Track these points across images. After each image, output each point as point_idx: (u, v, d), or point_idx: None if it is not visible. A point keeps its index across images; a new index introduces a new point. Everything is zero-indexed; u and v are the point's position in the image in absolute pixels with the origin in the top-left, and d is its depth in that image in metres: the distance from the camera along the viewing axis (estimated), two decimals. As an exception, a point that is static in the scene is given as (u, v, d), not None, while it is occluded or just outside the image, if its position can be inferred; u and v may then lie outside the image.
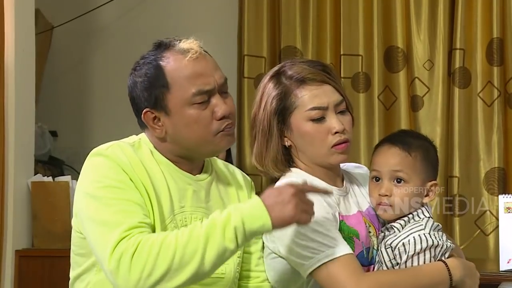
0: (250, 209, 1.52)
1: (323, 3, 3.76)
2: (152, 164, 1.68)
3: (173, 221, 1.65)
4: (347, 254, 1.69)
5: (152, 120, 1.68)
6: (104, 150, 1.65)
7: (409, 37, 3.67)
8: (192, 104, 1.65)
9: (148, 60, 1.68)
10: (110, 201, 1.58)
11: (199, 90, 1.65)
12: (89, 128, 4.07)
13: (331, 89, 1.79)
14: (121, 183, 1.60)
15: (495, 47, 3.54)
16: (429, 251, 1.74)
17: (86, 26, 4.08)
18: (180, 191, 1.68)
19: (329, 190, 1.70)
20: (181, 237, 1.51)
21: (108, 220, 1.56)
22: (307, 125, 1.79)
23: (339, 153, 1.79)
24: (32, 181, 3.23)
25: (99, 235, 1.56)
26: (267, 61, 3.80)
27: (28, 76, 3.31)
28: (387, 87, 3.69)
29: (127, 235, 1.52)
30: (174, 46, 1.69)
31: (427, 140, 1.87)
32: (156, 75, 1.66)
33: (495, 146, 3.54)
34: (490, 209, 3.51)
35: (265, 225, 1.51)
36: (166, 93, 1.65)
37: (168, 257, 1.49)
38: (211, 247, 1.49)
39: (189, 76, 1.65)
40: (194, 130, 1.66)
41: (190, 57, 1.66)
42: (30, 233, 3.24)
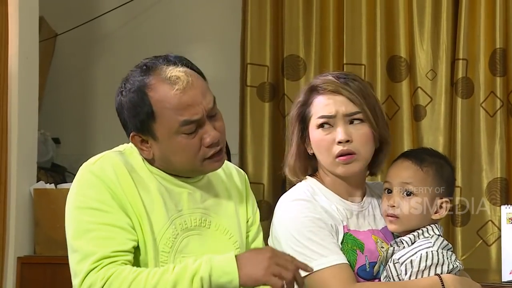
0: (220, 263, 1.53)
1: (326, 12, 3.76)
2: (144, 172, 1.68)
3: (172, 225, 1.65)
4: (339, 264, 1.71)
5: (140, 142, 1.68)
6: (91, 165, 1.66)
7: (412, 47, 3.68)
8: (180, 134, 1.64)
9: (134, 87, 1.65)
10: (87, 225, 1.60)
11: (185, 120, 1.62)
12: (92, 135, 4.07)
13: (343, 99, 1.80)
14: (102, 204, 1.61)
15: (498, 57, 3.54)
16: (435, 268, 1.74)
17: (90, 34, 4.09)
18: (175, 196, 1.68)
19: (309, 269, 1.65)
20: (151, 279, 1.52)
21: (81, 248, 1.58)
22: (316, 132, 1.81)
23: (342, 164, 1.79)
24: (35, 188, 3.23)
25: (73, 263, 1.60)
26: (270, 70, 3.81)
27: (32, 83, 3.31)
28: (390, 97, 3.69)
29: (96, 267, 1.54)
30: (161, 72, 1.64)
31: (443, 159, 1.87)
32: (142, 104, 1.63)
33: (497, 156, 3.53)
34: (492, 219, 3.51)
35: (233, 281, 1.52)
36: (152, 122, 1.64)
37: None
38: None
39: (176, 108, 1.62)
40: (181, 157, 1.66)
41: (177, 89, 1.62)
42: (32, 240, 3.24)
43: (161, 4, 4.09)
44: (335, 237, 1.76)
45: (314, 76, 3.64)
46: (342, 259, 1.72)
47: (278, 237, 1.78)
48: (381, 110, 1.85)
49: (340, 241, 1.77)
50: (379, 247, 1.82)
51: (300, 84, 3.71)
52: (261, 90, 3.82)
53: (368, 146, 1.81)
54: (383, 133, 1.83)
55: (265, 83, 3.82)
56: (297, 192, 1.83)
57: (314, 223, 1.74)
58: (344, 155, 1.78)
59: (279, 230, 1.79)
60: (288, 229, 1.75)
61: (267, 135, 3.80)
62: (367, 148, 1.80)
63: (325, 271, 1.70)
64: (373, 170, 1.90)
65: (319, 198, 1.81)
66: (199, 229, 1.68)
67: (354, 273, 1.76)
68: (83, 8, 4.12)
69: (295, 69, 3.78)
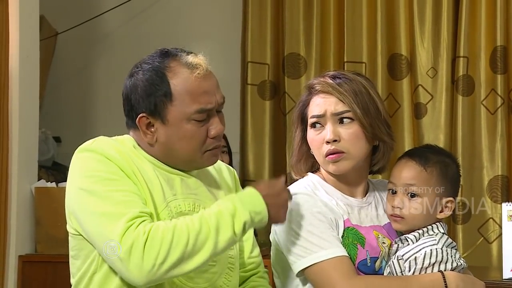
0: (253, 205, 1.60)
1: (327, 11, 3.76)
2: (138, 157, 1.69)
3: (167, 207, 1.66)
4: (340, 256, 1.72)
5: (146, 125, 1.68)
6: (89, 145, 1.66)
7: (413, 44, 3.68)
8: (191, 120, 1.66)
9: (153, 67, 1.67)
10: (107, 193, 1.58)
11: (201, 108, 1.65)
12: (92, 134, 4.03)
13: (334, 99, 1.82)
14: (113, 174, 1.61)
15: (498, 55, 3.54)
16: (439, 266, 1.74)
17: (90, 33, 4.09)
18: (169, 181, 1.69)
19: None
20: (192, 225, 1.54)
21: (109, 212, 1.56)
22: (310, 132, 1.85)
23: (331, 162, 1.81)
24: (36, 187, 3.24)
25: (101, 227, 1.56)
26: (271, 68, 3.81)
27: (32, 82, 3.32)
28: (391, 95, 3.69)
29: (132, 224, 1.53)
30: (181, 58, 1.68)
31: (449, 157, 1.86)
32: (160, 84, 1.65)
33: (498, 153, 3.54)
34: (493, 217, 3.51)
35: (263, 219, 1.62)
36: (168, 103, 1.65)
37: (182, 244, 1.52)
38: (223, 234, 1.55)
39: (194, 93, 1.65)
40: (187, 144, 1.67)
41: (198, 73, 1.65)
42: (33, 238, 3.25)
43: (162, 2, 4.10)
44: (335, 230, 1.77)
45: (314, 74, 3.65)
46: (342, 251, 1.73)
47: (279, 230, 1.79)
48: (378, 108, 1.84)
49: (341, 235, 1.78)
50: (381, 243, 1.82)
51: (300, 82, 3.71)
52: (262, 88, 3.82)
53: (359, 144, 1.81)
54: (377, 132, 1.83)
55: (266, 81, 3.82)
56: (297, 186, 1.85)
57: (314, 216, 1.76)
58: (332, 154, 1.80)
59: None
60: (288, 222, 1.76)
61: (267, 133, 3.81)
62: (357, 146, 1.81)
63: (325, 263, 1.71)
64: (373, 168, 1.90)
65: (320, 193, 1.83)
66: (192, 214, 1.68)
67: (355, 267, 1.76)
68: (83, 7, 4.12)
69: (295, 67, 3.78)
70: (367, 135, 1.81)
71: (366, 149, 1.83)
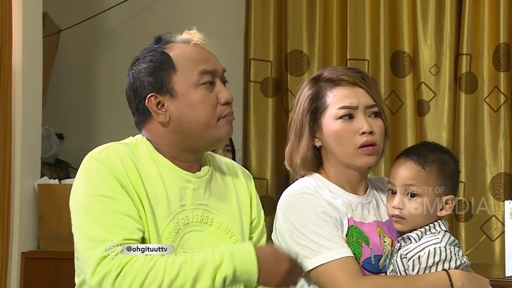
0: (243, 262, 1.55)
1: (329, 7, 3.76)
2: (149, 164, 1.67)
3: (174, 220, 1.65)
4: (346, 257, 1.72)
5: (156, 105, 1.69)
6: (98, 154, 1.65)
7: (416, 42, 3.67)
8: (199, 86, 1.68)
9: (151, 49, 1.74)
10: (97, 212, 1.58)
11: (204, 69, 1.69)
12: (95, 131, 4.08)
13: (363, 92, 1.82)
14: (111, 192, 1.60)
15: (502, 52, 3.53)
16: (443, 264, 1.74)
17: (93, 29, 4.09)
18: (180, 190, 1.68)
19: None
20: (170, 269, 1.52)
21: (92, 235, 1.56)
22: (336, 123, 1.81)
23: (366, 154, 1.80)
24: (39, 184, 3.24)
25: (83, 250, 1.58)
26: (273, 65, 3.81)
27: (35, 79, 3.32)
28: (393, 92, 3.69)
29: (109, 254, 1.53)
30: (176, 37, 1.76)
31: (447, 153, 1.86)
32: (162, 59, 1.70)
33: (501, 151, 3.53)
34: (496, 215, 3.51)
35: (251, 278, 1.56)
36: (173, 75, 1.68)
37: (153, 287, 1.51)
38: (200, 285, 1.52)
39: (194, 59, 1.70)
40: (199, 112, 1.68)
41: (194, 43, 1.73)
42: (36, 235, 3.25)
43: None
44: (340, 229, 1.77)
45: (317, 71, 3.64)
46: (348, 252, 1.73)
47: (282, 231, 1.79)
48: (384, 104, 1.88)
49: (345, 234, 1.78)
50: (382, 241, 1.83)
51: (303, 79, 3.69)
52: (264, 86, 3.82)
53: (383, 138, 1.84)
54: (388, 128, 1.86)
55: (269, 78, 3.82)
56: (300, 186, 1.84)
57: (319, 216, 1.75)
58: (367, 145, 1.79)
59: (283, 224, 1.79)
60: (292, 223, 1.75)
61: (270, 131, 3.80)
62: (383, 140, 1.84)
63: (331, 264, 1.71)
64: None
65: (323, 192, 1.82)
66: (200, 226, 1.68)
67: (359, 265, 1.76)
68: (86, 4, 4.12)
69: (298, 64, 3.78)
70: (387, 130, 1.84)
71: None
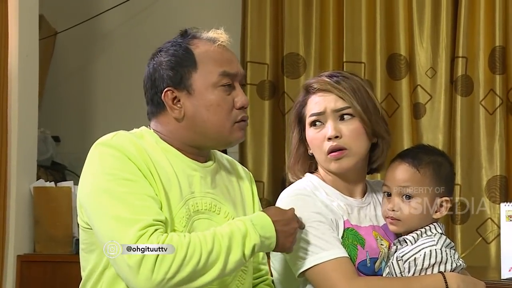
0: (263, 230, 1.61)
1: (326, 10, 3.76)
2: (157, 152, 1.67)
3: (185, 205, 1.65)
4: (341, 257, 1.72)
5: (172, 100, 1.69)
6: (109, 140, 1.64)
7: (412, 45, 3.68)
8: (217, 87, 1.68)
9: (175, 43, 1.72)
10: (123, 195, 1.56)
11: (225, 70, 1.69)
12: (91, 134, 4.07)
13: (333, 97, 1.82)
14: (132, 175, 1.59)
15: (497, 55, 3.54)
16: (438, 266, 1.74)
17: (89, 32, 4.09)
18: (188, 177, 1.68)
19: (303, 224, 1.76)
20: (205, 242, 1.54)
21: (122, 216, 1.54)
22: (310, 131, 1.84)
23: (334, 160, 1.80)
24: (35, 186, 3.24)
25: (113, 231, 1.54)
26: (270, 68, 3.81)
27: (31, 81, 3.32)
28: (390, 95, 3.69)
29: (144, 233, 1.52)
30: (202, 34, 1.75)
31: (442, 155, 1.86)
32: (185, 55, 1.69)
33: (497, 154, 3.54)
34: (491, 217, 3.51)
35: (271, 245, 1.63)
36: (193, 72, 1.68)
37: (194, 261, 1.52)
38: (234, 255, 1.56)
39: (216, 59, 1.71)
40: (215, 113, 1.68)
41: (219, 44, 1.73)
42: (32, 238, 3.25)
43: (160, 2, 4.10)
44: (335, 231, 1.77)
45: (314, 74, 3.65)
46: (343, 252, 1.73)
47: None
48: (375, 105, 1.85)
49: (341, 236, 1.78)
50: (379, 244, 1.83)
51: (300, 82, 3.71)
52: (261, 88, 3.82)
53: (360, 141, 1.82)
54: (377, 128, 1.83)
55: (265, 81, 3.82)
56: (297, 187, 1.84)
57: (315, 217, 1.75)
58: (334, 151, 1.79)
59: None
60: None
61: (267, 133, 3.81)
62: (359, 143, 1.81)
63: (326, 264, 1.71)
64: (372, 165, 1.90)
65: (319, 194, 1.82)
66: (209, 214, 1.69)
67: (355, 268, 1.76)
68: (83, 6, 4.12)
69: (295, 67, 3.78)
70: (367, 131, 1.82)
71: (366, 145, 1.83)
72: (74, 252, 3.13)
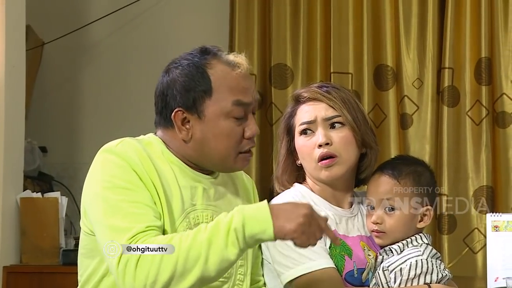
0: (253, 212, 1.50)
1: (313, 21, 3.78)
2: (162, 162, 1.66)
3: (186, 218, 1.64)
4: (328, 268, 1.73)
5: (182, 120, 1.67)
6: (114, 147, 1.63)
7: (399, 55, 3.70)
8: (230, 118, 1.66)
9: (192, 62, 1.68)
10: (118, 203, 1.56)
11: (239, 99, 1.66)
12: (78, 144, 4.06)
13: (323, 105, 1.84)
14: (130, 184, 1.59)
15: (483, 66, 3.57)
16: (424, 277, 1.75)
17: (77, 43, 4.09)
18: (191, 189, 1.68)
19: (337, 242, 1.67)
20: (185, 241, 1.50)
21: (115, 225, 1.54)
22: (299, 140, 1.85)
23: (324, 168, 1.81)
24: (21, 197, 3.22)
25: (105, 241, 1.55)
26: (258, 78, 3.81)
27: (18, 92, 3.30)
28: (377, 105, 3.71)
29: (132, 242, 1.52)
30: (222, 56, 1.70)
31: (421, 165, 1.87)
32: (201, 79, 1.65)
33: (483, 164, 3.56)
34: (478, 227, 3.53)
35: (267, 230, 1.49)
36: (207, 98, 1.65)
37: (171, 263, 1.48)
38: (214, 252, 1.48)
39: (233, 88, 1.66)
40: (222, 143, 1.66)
41: (239, 71, 1.68)
42: (18, 249, 3.23)
43: (149, 13, 4.10)
44: (323, 241, 1.77)
45: (301, 84, 3.66)
46: (330, 263, 1.74)
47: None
48: (364, 115, 1.87)
49: (328, 246, 1.79)
50: (367, 255, 1.83)
51: (287, 92, 3.71)
52: (248, 99, 3.82)
53: (350, 149, 1.83)
54: (366, 138, 1.85)
55: (253, 91, 3.82)
56: (285, 196, 1.85)
57: None
58: (325, 158, 1.80)
59: None
60: None
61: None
62: (349, 151, 1.83)
63: (313, 274, 1.72)
64: (360, 176, 1.91)
65: (307, 203, 1.83)
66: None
67: (342, 278, 1.77)
68: (70, 17, 4.11)
69: (282, 77, 3.79)
70: (357, 140, 1.83)
71: (356, 154, 1.85)
72: (61, 263, 3.12)
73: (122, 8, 3.99)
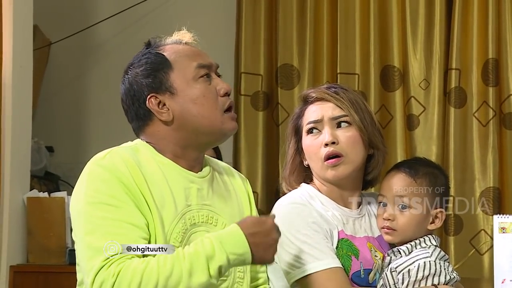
0: (234, 248, 1.54)
1: (320, 21, 3.78)
2: (152, 167, 1.66)
3: (182, 220, 1.64)
4: (334, 267, 1.73)
5: (157, 105, 1.70)
6: (101, 160, 1.63)
7: (406, 56, 3.69)
8: (197, 79, 1.71)
9: (144, 53, 1.75)
10: (99, 220, 1.56)
11: (200, 63, 1.72)
12: (85, 144, 4.07)
13: (330, 105, 1.84)
14: (114, 199, 1.58)
15: (490, 67, 3.56)
16: (432, 279, 1.75)
17: (84, 43, 4.09)
18: (185, 190, 1.68)
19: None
20: (164, 267, 1.51)
21: (93, 245, 1.55)
22: (306, 139, 1.85)
23: (330, 167, 1.81)
24: (28, 197, 3.23)
25: (84, 259, 1.56)
26: (264, 79, 3.82)
27: (25, 92, 3.31)
28: (383, 106, 3.71)
29: (105, 264, 1.51)
30: (166, 40, 1.79)
31: (438, 168, 1.88)
32: (158, 59, 1.72)
33: (490, 165, 3.55)
34: (485, 229, 3.52)
35: (246, 260, 1.56)
36: (170, 73, 1.70)
37: (150, 287, 1.49)
38: (197, 278, 1.51)
39: (188, 55, 1.74)
40: (202, 104, 1.70)
41: (185, 42, 1.78)
42: (25, 248, 3.23)
43: (155, 13, 4.10)
44: (330, 241, 1.78)
45: (308, 85, 3.66)
46: (336, 262, 1.74)
47: None
48: (372, 117, 1.87)
49: (335, 246, 1.79)
50: (373, 256, 1.83)
51: (294, 93, 3.71)
52: (255, 99, 3.83)
53: (356, 148, 1.83)
54: (373, 139, 1.85)
55: (259, 92, 3.82)
56: (293, 196, 1.85)
57: (309, 226, 1.76)
58: (331, 157, 1.80)
59: None
60: (283, 232, 1.76)
61: (260, 144, 3.81)
62: (356, 150, 1.83)
63: (320, 274, 1.72)
64: (367, 177, 1.91)
65: (315, 203, 1.83)
66: (206, 226, 1.68)
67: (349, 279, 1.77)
68: (77, 17, 4.12)
69: (289, 78, 3.79)
70: (364, 140, 1.83)
71: (363, 155, 1.84)
72: (68, 262, 3.12)
73: (128, 8, 4.00)
